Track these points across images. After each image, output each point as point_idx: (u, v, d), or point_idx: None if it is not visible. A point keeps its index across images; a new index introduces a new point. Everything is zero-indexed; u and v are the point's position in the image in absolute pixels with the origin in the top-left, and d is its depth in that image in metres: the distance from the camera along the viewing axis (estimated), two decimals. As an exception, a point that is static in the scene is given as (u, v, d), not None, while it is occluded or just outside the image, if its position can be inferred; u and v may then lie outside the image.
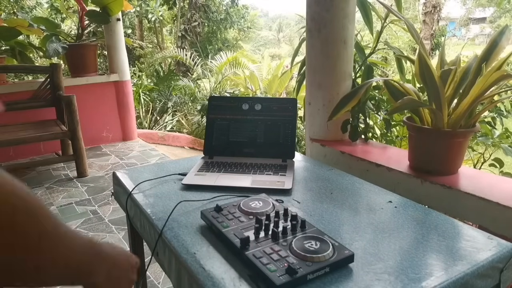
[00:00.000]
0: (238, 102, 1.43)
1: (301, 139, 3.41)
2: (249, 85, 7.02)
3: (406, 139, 1.84)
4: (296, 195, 1.12)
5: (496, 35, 1.27)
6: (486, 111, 1.45)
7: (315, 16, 1.62)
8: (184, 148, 5.17)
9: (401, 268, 0.76)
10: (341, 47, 1.62)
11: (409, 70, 1.73)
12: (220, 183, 1.18)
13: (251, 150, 1.38)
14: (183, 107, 6.40)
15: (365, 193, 1.14)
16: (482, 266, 0.77)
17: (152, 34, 12.07)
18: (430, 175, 1.29)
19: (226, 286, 0.72)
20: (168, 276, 0.92)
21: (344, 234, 0.89)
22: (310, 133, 1.79)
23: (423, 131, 1.31)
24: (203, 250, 0.84)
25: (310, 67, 1.73)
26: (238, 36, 15.55)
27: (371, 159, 1.48)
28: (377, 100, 1.76)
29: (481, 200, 1.12)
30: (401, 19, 1.44)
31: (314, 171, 1.33)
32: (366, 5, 1.67)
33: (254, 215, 0.92)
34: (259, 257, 0.75)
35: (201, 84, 7.25)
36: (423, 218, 0.96)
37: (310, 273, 0.71)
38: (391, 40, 6.46)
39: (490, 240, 0.86)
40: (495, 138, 1.65)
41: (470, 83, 1.24)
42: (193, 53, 8.31)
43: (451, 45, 15.87)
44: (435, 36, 11.53)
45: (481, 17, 21.13)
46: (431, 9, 10.89)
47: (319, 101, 1.71)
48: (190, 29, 10.89)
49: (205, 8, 11.32)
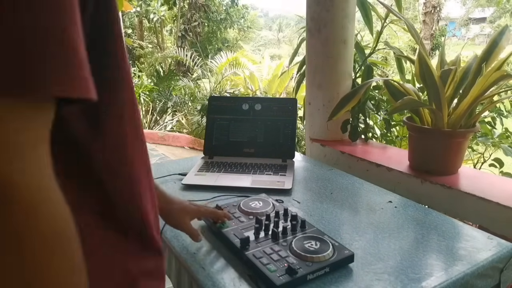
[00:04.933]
0: (238, 102, 1.43)
1: (301, 139, 3.41)
2: (249, 85, 7.02)
3: (406, 139, 1.84)
4: (296, 195, 1.12)
5: (496, 35, 1.27)
6: (486, 111, 1.44)
7: (315, 16, 1.62)
8: (184, 148, 5.17)
9: (401, 268, 0.76)
10: (341, 47, 1.62)
11: (409, 70, 1.73)
12: (220, 183, 1.18)
13: (251, 150, 1.38)
14: (183, 107, 6.40)
15: (365, 193, 1.14)
16: (482, 266, 0.77)
17: (152, 34, 12.07)
18: (430, 175, 1.29)
19: (226, 286, 0.72)
20: (168, 276, 0.92)
21: (344, 234, 0.89)
22: (310, 133, 1.79)
23: (423, 131, 1.31)
24: (203, 250, 0.84)
25: (310, 67, 1.73)
26: (238, 36, 15.56)
27: (371, 159, 1.48)
28: (377, 100, 1.76)
29: (481, 200, 1.12)
30: (401, 19, 1.44)
31: (314, 171, 1.33)
32: (366, 5, 1.67)
33: (254, 215, 0.92)
34: (259, 257, 0.75)
35: (201, 84, 7.24)
36: (423, 218, 0.96)
37: (310, 273, 0.71)
38: (391, 40, 6.46)
39: (490, 240, 0.86)
40: (495, 138, 1.65)
41: (470, 83, 1.24)
42: (193, 53, 8.30)
43: (451, 45, 15.87)
44: (435, 36, 11.53)
45: (481, 17, 21.13)
46: (431, 9, 10.90)
47: (319, 101, 1.71)
48: (190, 29, 10.89)
49: (205, 8, 11.32)
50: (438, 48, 10.64)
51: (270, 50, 16.79)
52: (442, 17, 12.65)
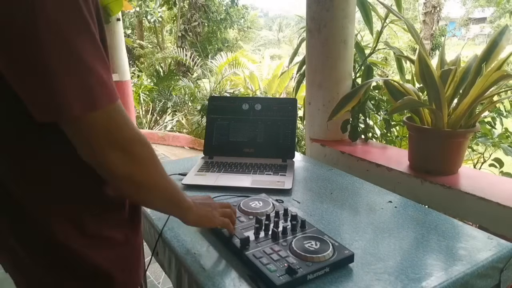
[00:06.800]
0: (238, 102, 1.43)
1: (301, 139, 3.41)
2: (249, 85, 7.01)
3: (406, 139, 1.84)
4: (296, 195, 1.12)
5: (496, 35, 1.27)
6: (486, 111, 1.44)
7: (315, 16, 1.62)
8: (184, 148, 5.17)
9: (401, 268, 0.76)
10: (341, 47, 1.62)
11: (409, 70, 1.73)
12: (220, 183, 1.18)
13: (251, 150, 1.38)
14: (183, 107, 6.40)
15: (365, 193, 1.14)
16: (482, 266, 0.77)
17: (152, 34, 12.06)
18: (430, 175, 1.29)
19: (226, 286, 0.72)
20: (168, 276, 0.92)
21: (344, 234, 0.89)
22: (310, 133, 1.79)
23: (423, 131, 1.31)
24: (203, 250, 0.84)
25: (310, 67, 1.73)
26: (238, 36, 15.55)
27: (371, 159, 1.48)
28: (377, 100, 1.76)
29: (481, 200, 1.12)
30: (401, 19, 1.44)
31: (314, 171, 1.33)
32: (366, 5, 1.67)
33: (254, 215, 0.92)
34: (259, 257, 0.75)
35: (201, 84, 7.24)
36: (423, 218, 0.96)
37: (310, 273, 0.71)
38: (391, 40, 6.46)
39: (490, 240, 0.86)
40: (495, 138, 1.65)
41: (470, 83, 1.24)
42: (193, 53, 8.30)
43: (451, 45, 15.86)
44: (435, 36, 11.53)
45: (481, 17, 21.11)
46: (431, 9, 10.89)
47: (319, 101, 1.71)
48: (190, 29, 10.88)
49: (205, 8, 11.31)
50: (438, 48, 10.65)
51: (270, 50, 16.77)
52: (442, 17, 12.64)
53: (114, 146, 0.55)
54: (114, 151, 0.55)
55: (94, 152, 0.54)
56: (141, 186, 0.61)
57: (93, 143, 0.53)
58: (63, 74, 0.48)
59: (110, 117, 0.54)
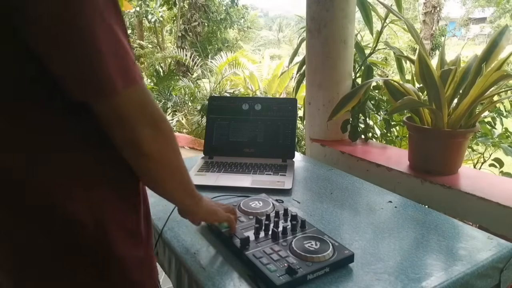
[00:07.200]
0: (238, 102, 1.43)
1: (301, 139, 3.41)
2: (249, 85, 7.01)
3: (406, 139, 1.84)
4: (296, 195, 1.12)
5: (496, 35, 1.27)
6: (486, 111, 1.44)
7: (315, 16, 1.62)
8: (184, 148, 5.17)
9: (401, 268, 0.76)
10: (341, 47, 1.62)
11: (409, 70, 1.73)
12: (220, 183, 1.18)
13: (251, 150, 1.38)
14: (183, 107, 6.40)
15: (365, 193, 1.14)
16: (482, 266, 0.77)
17: (152, 34, 12.07)
18: (430, 175, 1.29)
19: (226, 286, 0.72)
20: (168, 276, 0.92)
21: (344, 234, 0.89)
22: (310, 133, 1.79)
23: (423, 131, 1.31)
24: (203, 250, 0.84)
25: (310, 67, 1.73)
26: (238, 36, 15.55)
27: (371, 159, 1.48)
28: (377, 100, 1.76)
29: (481, 200, 1.12)
30: (401, 19, 1.44)
31: (314, 171, 1.33)
32: (366, 5, 1.67)
33: (254, 215, 0.92)
34: (259, 257, 0.75)
35: (201, 84, 7.23)
36: (423, 218, 0.96)
37: (310, 273, 0.71)
38: (391, 40, 6.46)
39: (490, 240, 0.86)
40: (495, 138, 1.65)
41: (470, 83, 1.24)
42: (193, 53, 8.30)
43: (451, 45, 15.85)
44: (435, 36, 11.52)
45: (481, 17, 21.11)
46: (431, 9, 10.89)
47: (319, 101, 1.71)
48: (190, 29, 10.88)
49: (205, 8, 11.31)
50: (438, 48, 10.65)
51: (270, 50, 16.75)
52: (442, 17, 12.64)
53: (146, 122, 0.58)
54: (146, 127, 0.58)
55: (128, 128, 0.57)
56: (165, 165, 0.64)
57: (129, 119, 0.56)
58: (110, 56, 0.53)
59: (144, 92, 0.58)
